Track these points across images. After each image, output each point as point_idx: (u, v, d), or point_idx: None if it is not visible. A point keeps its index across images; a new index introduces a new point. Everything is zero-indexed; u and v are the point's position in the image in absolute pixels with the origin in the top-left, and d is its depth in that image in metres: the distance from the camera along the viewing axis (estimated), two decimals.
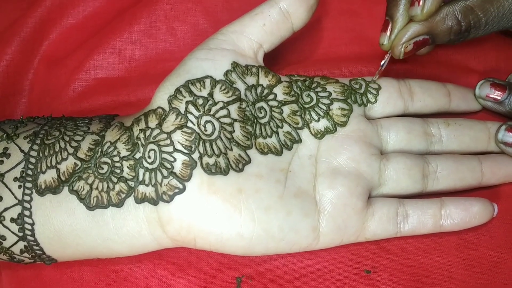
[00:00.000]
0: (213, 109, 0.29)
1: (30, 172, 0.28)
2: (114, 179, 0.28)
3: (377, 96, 0.33)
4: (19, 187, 0.28)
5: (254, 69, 0.31)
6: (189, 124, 0.28)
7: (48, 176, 0.28)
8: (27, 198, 0.28)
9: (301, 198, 0.29)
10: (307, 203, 0.29)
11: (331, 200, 0.29)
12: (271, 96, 0.31)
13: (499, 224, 0.32)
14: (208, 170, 0.28)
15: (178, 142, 0.28)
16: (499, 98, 0.34)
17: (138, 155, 0.28)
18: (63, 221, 0.28)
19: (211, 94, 0.29)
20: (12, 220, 0.28)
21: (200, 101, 0.29)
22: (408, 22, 0.31)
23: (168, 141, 0.28)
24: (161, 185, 0.28)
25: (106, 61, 0.38)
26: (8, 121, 0.31)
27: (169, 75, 0.30)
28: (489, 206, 0.31)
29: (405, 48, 0.30)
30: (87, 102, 0.37)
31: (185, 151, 0.28)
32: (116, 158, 0.28)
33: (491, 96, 0.34)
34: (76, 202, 0.28)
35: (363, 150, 0.31)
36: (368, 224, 0.30)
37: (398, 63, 0.38)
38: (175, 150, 0.28)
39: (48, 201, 0.28)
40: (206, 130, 0.29)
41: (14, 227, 0.28)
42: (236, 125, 0.30)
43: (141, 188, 0.28)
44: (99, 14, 0.39)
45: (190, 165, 0.28)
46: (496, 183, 0.33)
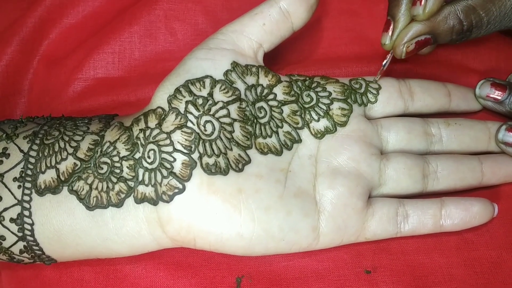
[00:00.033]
0: (213, 109, 0.29)
1: (29, 172, 0.28)
2: (114, 179, 0.28)
3: (377, 96, 0.33)
4: (19, 187, 0.28)
5: (254, 69, 0.31)
6: (189, 124, 0.28)
7: (47, 176, 0.28)
8: (26, 198, 0.28)
9: (301, 198, 0.29)
10: (307, 203, 0.29)
11: (331, 200, 0.29)
12: (271, 96, 0.31)
13: (499, 224, 0.32)
14: (208, 170, 0.28)
15: (178, 142, 0.28)
16: (499, 98, 0.34)
17: (137, 155, 0.28)
18: (63, 221, 0.28)
19: (211, 94, 0.29)
20: (12, 220, 0.28)
21: (200, 101, 0.29)
22: (410, 22, 0.31)
23: (167, 141, 0.28)
24: (160, 185, 0.28)
25: (105, 60, 0.38)
26: (8, 121, 0.31)
27: (169, 74, 0.30)
28: (489, 206, 0.31)
29: (407, 48, 0.30)
30: (87, 102, 0.37)
31: (185, 151, 0.28)
32: (116, 158, 0.28)
33: (491, 96, 0.34)
34: (76, 202, 0.28)
35: (363, 150, 0.31)
36: (368, 224, 0.30)
37: (398, 63, 0.38)
38: (175, 150, 0.28)
39: (47, 201, 0.28)
40: (206, 130, 0.29)
41: (14, 227, 0.28)
42: (236, 125, 0.29)
43: (141, 188, 0.28)
44: (99, 14, 0.39)
45: (189, 165, 0.28)
46: (496, 183, 0.33)
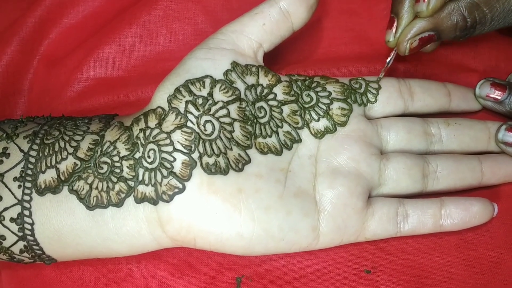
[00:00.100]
0: (213, 109, 0.29)
1: (29, 171, 0.28)
2: (114, 179, 0.28)
3: (377, 95, 0.33)
4: (19, 186, 0.28)
5: (254, 69, 0.31)
6: (189, 124, 0.28)
7: (47, 176, 0.28)
8: (26, 198, 0.28)
9: (301, 198, 0.29)
10: (307, 203, 0.29)
11: (331, 200, 0.29)
12: (271, 96, 0.31)
13: (499, 224, 0.32)
14: (208, 170, 0.28)
15: (178, 141, 0.28)
16: (499, 97, 0.34)
17: (137, 155, 0.28)
18: (63, 221, 0.28)
19: (210, 94, 0.29)
20: (12, 219, 0.28)
21: (200, 100, 0.29)
22: (414, 19, 0.31)
23: (167, 141, 0.28)
24: (160, 184, 0.28)
25: (105, 60, 0.38)
26: (8, 120, 0.31)
27: (169, 74, 0.30)
28: (489, 206, 0.31)
29: (411, 44, 0.31)
30: (87, 101, 0.37)
31: (185, 150, 0.28)
32: (116, 158, 0.28)
33: (491, 95, 0.34)
34: (76, 202, 0.28)
35: (363, 149, 0.31)
36: (368, 224, 0.30)
37: (398, 62, 0.38)
38: (175, 149, 0.28)
39: (47, 201, 0.28)
40: (205, 130, 0.29)
41: (14, 227, 0.28)
42: (236, 125, 0.29)
43: (141, 188, 0.28)
44: (99, 14, 0.39)
45: (189, 164, 0.28)
46: (496, 183, 0.33)
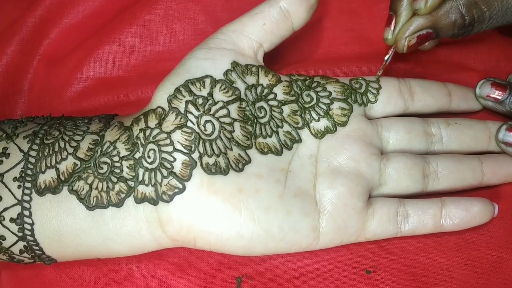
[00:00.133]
0: (213, 109, 0.29)
1: (29, 172, 0.28)
2: (114, 179, 0.28)
3: (377, 95, 0.33)
4: (19, 187, 0.28)
5: (254, 69, 0.31)
6: (189, 124, 0.28)
7: (47, 176, 0.28)
8: (26, 198, 0.28)
9: (301, 198, 0.29)
10: (307, 203, 0.29)
11: (331, 200, 0.29)
12: (271, 96, 0.31)
13: (499, 224, 0.32)
14: (208, 170, 0.28)
15: (178, 142, 0.28)
16: (499, 97, 0.34)
17: (137, 155, 0.28)
18: (63, 221, 0.28)
19: (211, 94, 0.29)
20: (12, 220, 0.28)
21: (200, 100, 0.29)
22: (412, 16, 0.31)
23: (168, 141, 0.28)
24: (161, 185, 0.28)
25: (105, 60, 0.38)
26: (8, 120, 0.31)
27: (169, 74, 0.30)
28: (490, 206, 0.31)
29: (409, 42, 0.31)
30: (87, 101, 0.37)
31: (185, 151, 0.28)
32: (116, 158, 0.28)
33: (491, 95, 0.34)
34: (76, 202, 0.28)
35: (363, 149, 0.31)
36: (369, 224, 0.30)
37: (398, 62, 0.38)
38: (175, 150, 0.28)
39: (47, 201, 0.28)
40: (206, 130, 0.29)
41: (14, 227, 0.28)
42: (236, 125, 0.29)
43: (141, 188, 0.28)
44: (99, 14, 0.39)
45: (190, 165, 0.28)
46: (496, 183, 0.33)
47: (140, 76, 0.38)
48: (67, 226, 0.28)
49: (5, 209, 0.28)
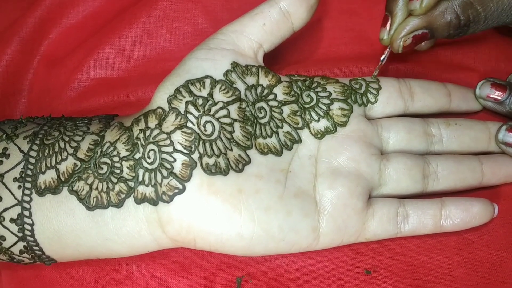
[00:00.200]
0: (213, 109, 0.29)
1: (29, 172, 0.28)
2: (114, 180, 0.28)
3: (377, 96, 0.33)
4: (19, 187, 0.28)
5: (254, 69, 0.31)
6: (189, 124, 0.28)
7: (47, 177, 0.28)
8: (26, 198, 0.28)
9: (301, 198, 0.29)
10: (307, 203, 0.29)
11: (331, 200, 0.29)
12: (271, 96, 0.31)
13: (499, 225, 0.32)
14: (208, 170, 0.28)
15: (178, 142, 0.28)
16: (499, 98, 0.34)
17: (137, 155, 0.28)
18: (63, 222, 0.28)
19: (211, 94, 0.29)
20: (12, 220, 0.28)
21: (200, 101, 0.29)
22: (407, 17, 0.31)
23: (168, 141, 0.28)
24: (161, 185, 0.28)
25: (105, 61, 0.38)
26: (8, 121, 0.31)
27: (169, 75, 0.30)
28: (490, 206, 0.31)
29: (404, 42, 0.31)
30: (87, 102, 0.37)
31: (185, 151, 0.28)
32: (116, 158, 0.28)
33: (491, 96, 0.34)
34: (76, 202, 0.28)
35: (363, 150, 0.31)
36: (368, 225, 0.30)
37: (398, 62, 0.38)
38: (175, 150, 0.28)
39: (47, 202, 0.28)
40: (206, 130, 0.29)
41: (14, 228, 0.28)
42: (236, 125, 0.29)
43: (141, 189, 0.28)
44: (99, 14, 0.39)
45: (190, 165, 0.28)
46: (496, 184, 0.33)
47: (140, 77, 0.38)
48: (67, 226, 0.28)
49: (5, 210, 0.28)
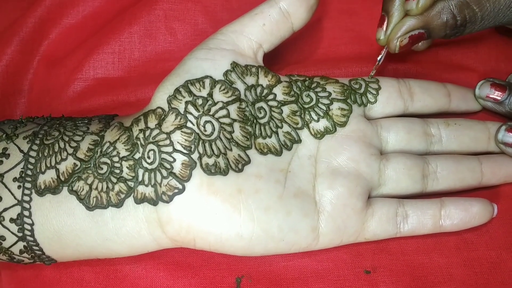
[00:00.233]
0: (213, 109, 0.29)
1: (29, 172, 0.28)
2: (114, 179, 0.28)
3: (377, 96, 0.33)
4: (19, 187, 0.28)
5: (253, 69, 0.31)
6: (189, 124, 0.28)
7: (47, 176, 0.28)
8: (26, 198, 0.28)
9: (301, 198, 0.29)
10: (307, 203, 0.29)
11: (331, 201, 0.29)
12: (270, 96, 0.31)
13: (499, 225, 0.32)
14: (208, 170, 0.28)
15: (178, 142, 0.28)
16: (499, 98, 0.34)
17: (137, 155, 0.28)
18: (63, 222, 0.28)
19: (210, 94, 0.29)
20: (12, 220, 0.28)
21: (200, 101, 0.29)
22: (404, 17, 0.31)
23: (167, 141, 0.28)
24: (160, 185, 0.28)
25: (105, 61, 0.38)
26: (8, 121, 0.31)
27: (169, 75, 0.30)
28: (489, 206, 0.31)
29: (401, 42, 0.31)
30: (87, 102, 0.37)
31: (185, 151, 0.28)
32: (116, 158, 0.28)
33: (491, 96, 0.34)
34: (76, 202, 0.28)
35: (363, 150, 0.31)
36: (368, 225, 0.30)
37: (398, 63, 0.38)
38: (175, 150, 0.28)
39: (47, 201, 0.28)
40: (205, 130, 0.29)
41: (14, 228, 0.28)
42: (236, 125, 0.29)
43: (141, 189, 0.28)
44: (99, 14, 0.39)
45: (189, 165, 0.28)
46: (496, 184, 0.33)
47: (140, 77, 0.38)
48: (67, 226, 0.28)
49: (5, 210, 0.28)
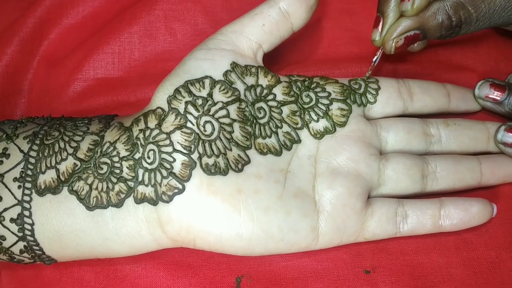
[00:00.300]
0: (213, 109, 0.29)
1: (29, 172, 0.28)
2: (114, 179, 0.28)
3: (377, 96, 0.33)
4: (19, 187, 0.28)
5: (253, 69, 0.31)
6: (189, 125, 0.28)
7: (47, 176, 0.28)
8: (26, 198, 0.28)
9: (301, 198, 0.29)
10: (307, 203, 0.29)
11: (331, 200, 0.30)
12: (270, 96, 0.31)
13: (498, 224, 0.32)
14: (208, 170, 0.28)
15: (178, 142, 0.28)
16: (498, 98, 0.34)
17: (137, 155, 0.28)
18: (63, 221, 0.28)
19: (210, 95, 0.29)
20: (12, 220, 0.28)
21: (200, 101, 0.29)
22: (399, 18, 0.31)
23: (167, 142, 0.28)
24: (160, 185, 0.28)
25: (105, 61, 0.38)
26: (8, 121, 0.31)
27: (169, 75, 0.30)
28: (488, 206, 0.31)
29: (396, 43, 0.31)
30: (87, 102, 0.37)
31: (185, 151, 0.28)
32: (116, 159, 0.28)
33: (490, 96, 0.34)
34: (76, 202, 0.28)
35: (362, 150, 0.31)
36: (368, 224, 0.30)
37: (397, 63, 0.38)
38: (175, 150, 0.28)
39: (47, 201, 0.28)
40: (205, 131, 0.29)
41: (14, 227, 0.28)
42: (236, 126, 0.30)
43: (141, 188, 0.28)
44: (99, 14, 0.39)
45: (189, 165, 0.28)
46: (495, 183, 0.33)
47: (140, 77, 0.38)
48: (67, 226, 0.28)
49: (5, 209, 0.28)
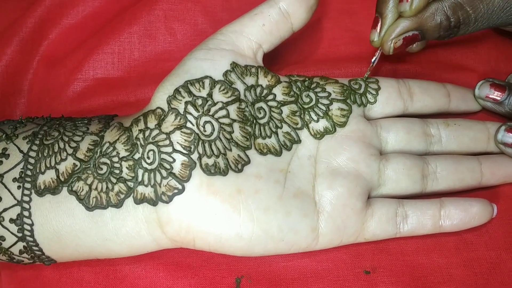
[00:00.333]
0: (212, 110, 0.29)
1: (29, 172, 0.28)
2: (113, 180, 0.28)
3: (377, 96, 0.33)
4: (18, 187, 0.28)
5: (253, 69, 0.31)
6: (188, 125, 0.28)
7: (47, 177, 0.28)
8: (26, 198, 0.28)
9: (301, 198, 0.29)
10: (306, 203, 0.29)
11: (331, 201, 0.29)
12: (270, 97, 0.31)
13: (498, 225, 0.32)
14: (207, 170, 0.28)
15: (177, 142, 0.28)
16: (498, 98, 0.34)
17: (137, 156, 0.28)
18: (62, 222, 0.28)
19: (210, 95, 0.29)
20: (11, 220, 0.28)
21: (199, 101, 0.29)
22: (398, 18, 0.31)
23: (167, 142, 0.28)
24: (160, 185, 0.28)
25: (105, 61, 0.38)
26: (7, 121, 0.31)
27: (168, 75, 0.30)
28: (489, 206, 0.31)
29: (395, 43, 0.31)
30: (86, 102, 0.37)
31: (184, 151, 0.28)
32: (115, 159, 0.28)
33: (490, 96, 0.34)
34: (75, 202, 0.28)
35: (363, 150, 0.31)
36: (368, 225, 0.30)
37: (397, 63, 0.38)
38: (174, 150, 0.28)
39: (47, 202, 0.28)
40: (205, 131, 0.29)
41: (13, 228, 0.28)
42: (235, 126, 0.30)
43: (140, 189, 0.28)
44: (99, 14, 0.39)
45: (189, 165, 0.28)
46: (495, 184, 0.33)
47: (140, 77, 0.38)
48: (66, 226, 0.28)
49: (5, 210, 0.28)
